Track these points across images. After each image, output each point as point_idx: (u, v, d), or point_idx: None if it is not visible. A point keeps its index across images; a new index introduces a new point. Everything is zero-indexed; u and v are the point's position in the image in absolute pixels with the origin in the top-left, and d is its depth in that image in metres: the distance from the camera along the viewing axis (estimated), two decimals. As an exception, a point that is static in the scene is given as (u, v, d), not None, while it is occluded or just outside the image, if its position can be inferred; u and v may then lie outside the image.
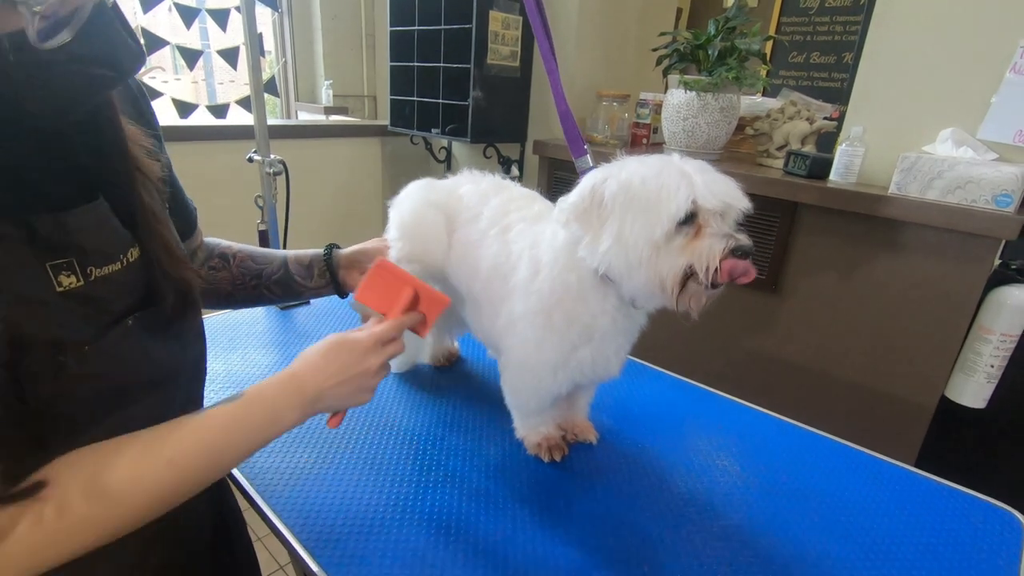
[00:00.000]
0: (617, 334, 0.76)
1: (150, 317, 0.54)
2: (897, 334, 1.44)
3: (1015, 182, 1.23)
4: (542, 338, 0.76)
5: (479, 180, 0.91)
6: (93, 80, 0.45)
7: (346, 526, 0.70)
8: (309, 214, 2.36)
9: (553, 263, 0.74)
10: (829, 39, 3.02)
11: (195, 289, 0.60)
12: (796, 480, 0.84)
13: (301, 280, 0.86)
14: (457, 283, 0.90)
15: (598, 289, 0.72)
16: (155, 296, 0.55)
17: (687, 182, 0.63)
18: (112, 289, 0.51)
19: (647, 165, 0.66)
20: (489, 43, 2.07)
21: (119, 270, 0.51)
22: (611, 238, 0.65)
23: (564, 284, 0.73)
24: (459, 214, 0.88)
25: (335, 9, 2.81)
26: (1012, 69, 1.28)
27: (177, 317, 0.57)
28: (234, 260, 0.83)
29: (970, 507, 0.81)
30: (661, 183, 0.64)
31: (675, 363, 1.20)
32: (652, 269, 0.64)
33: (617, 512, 0.76)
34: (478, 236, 0.84)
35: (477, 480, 0.80)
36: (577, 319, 0.74)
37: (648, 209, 0.63)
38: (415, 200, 0.90)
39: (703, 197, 0.63)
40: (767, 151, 1.74)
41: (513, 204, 0.84)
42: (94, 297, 0.49)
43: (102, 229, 0.50)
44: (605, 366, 0.77)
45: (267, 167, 1.41)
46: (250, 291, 0.84)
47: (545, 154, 2.07)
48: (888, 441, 1.48)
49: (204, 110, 2.59)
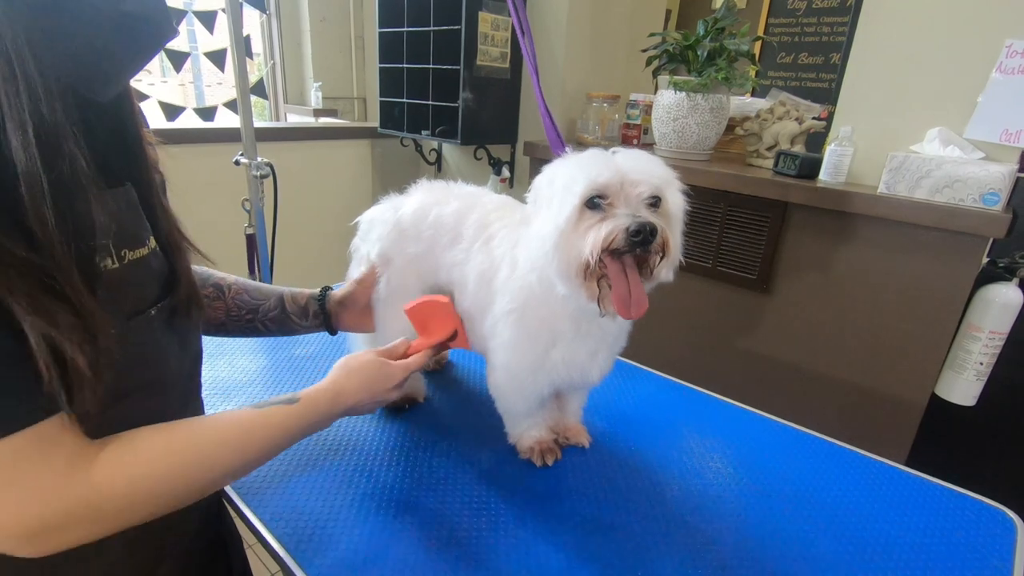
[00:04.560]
0: (585, 337, 0.74)
1: (167, 310, 0.56)
2: (887, 333, 1.45)
3: (1002, 181, 1.24)
4: (518, 338, 0.75)
5: (446, 197, 0.87)
6: (139, 37, 0.47)
7: (335, 533, 0.69)
8: (298, 217, 2.34)
9: (526, 263, 0.74)
10: (817, 40, 3.04)
11: (197, 285, 0.62)
12: (788, 481, 0.84)
13: (297, 320, 0.87)
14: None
15: (554, 290, 0.70)
16: (170, 287, 0.56)
17: (600, 167, 0.62)
18: (142, 274, 0.52)
19: (575, 159, 0.66)
20: (479, 44, 2.06)
21: (147, 255, 0.53)
22: (532, 230, 0.66)
23: (528, 284, 0.73)
24: (438, 240, 0.85)
25: (323, 11, 2.80)
26: (998, 68, 1.29)
27: (184, 311, 0.58)
28: (229, 292, 0.83)
29: (962, 505, 0.81)
30: (572, 173, 0.63)
31: (666, 365, 1.20)
32: (561, 256, 0.63)
33: (610, 515, 0.75)
34: (462, 255, 0.82)
35: (469, 485, 0.79)
36: (544, 320, 0.73)
37: (560, 199, 0.63)
38: (383, 254, 0.88)
39: (598, 174, 0.61)
40: (757, 151, 1.74)
41: (493, 215, 0.82)
42: (127, 280, 0.50)
43: (134, 212, 0.52)
44: (580, 371, 0.75)
45: (254, 170, 1.39)
46: (244, 324, 0.84)
47: (536, 155, 2.07)
48: (879, 439, 1.49)
49: (191, 113, 2.56)
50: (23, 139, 0.39)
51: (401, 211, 0.88)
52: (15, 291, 0.38)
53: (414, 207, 0.88)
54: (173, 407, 0.59)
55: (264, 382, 1.00)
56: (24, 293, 0.39)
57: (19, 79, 0.39)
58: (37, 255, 0.40)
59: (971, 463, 1.54)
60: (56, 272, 0.41)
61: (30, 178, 0.39)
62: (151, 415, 0.52)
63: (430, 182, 0.92)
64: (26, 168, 0.39)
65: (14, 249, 0.39)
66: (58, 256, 0.41)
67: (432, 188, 0.91)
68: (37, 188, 0.39)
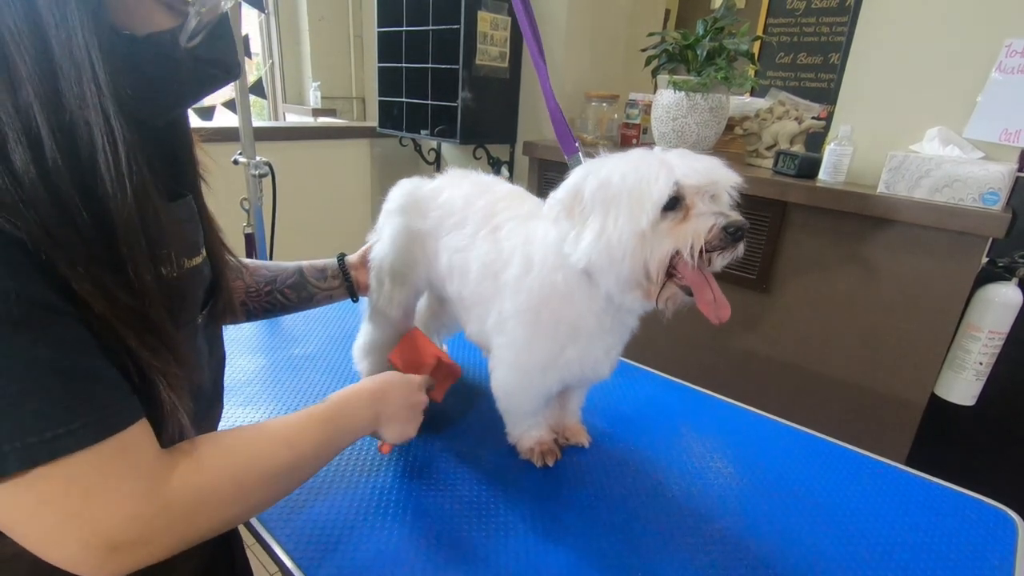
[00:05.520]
0: (605, 334, 0.75)
1: (205, 318, 0.57)
2: (887, 332, 1.45)
3: (1001, 180, 1.24)
4: (531, 337, 0.75)
5: (461, 182, 0.88)
6: (209, 80, 0.49)
7: (334, 533, 0.68)
8: (297, 217, 2.34)
9: (543, 261, 0.73)
10: (816, 40, 3.04)
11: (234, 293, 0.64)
12: (789, 481, 0.84)
13: (315, 283, 0.88)
14: (447, 289, 0.88)
15: (583, 288, 0.71)
16: (211, 294, 0.58)
17: (667, 167, 0.63)
18: (196, 282, 0.54)
19: (626, 159, 0.66)
20: (478, 44, 2.06)
21: (200, 263, 0.55)
22: (592, 234, 0.65)
23: (551, 283, 0.72)
24: (444, 220, 0.86)
25: (322, 10, 2.79)
26: (997, 68, 1.29)
27: (220, 318, 0.60)
28: (247, 269, 0.85)
29: (963, 505, 0.81)
30: (640, 174, 0.63)
31: (666, 364, 1.20)
32: (638, 259, 0.63)
33: (609, 515, 0.75)
34: (466, 241, 0.82)
35: (469, 485, 0.79)
36: (564, 319, 0.73)
37: (631, 201, 0.62)
38: (399, 230, 0.88)
39: (684, 175, 0.62)
40: (756, 151, 1.74)
41: (501, 204, 0.83)
42: (182, 288, 0.51)
43: (193, 222, 0.55)
44: (594, 366, 0.76)
45: (252, 169, 1.39)
46: (264, 298, 0.85)
47: (535, 155, 2.06)
48: (879, 439, 1.49)
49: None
50: (121, 190, 0.39)
51: (424, 187, 0.90)
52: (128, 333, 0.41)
53: (432, 186, 0.90)
54: (201, 413, 0.59)
55: (262, 382, 1.00)
56: (134, 334, 0.41)
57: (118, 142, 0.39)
58: (138, 301, 0.42)
59: (971, 462, 1.54)
60: (152, 314, 0.42)
61: (130, 234, 0.40)
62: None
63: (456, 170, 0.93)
64: (126, 223, 0.40)
65: (123, 298, 0.40)
66: (154, 303, 0.43)
67: (456, 174, 0.91)
68: (137, 243, 0.41)
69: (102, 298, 0.39)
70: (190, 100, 0.51)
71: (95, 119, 0.38)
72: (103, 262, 0.40)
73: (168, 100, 0.48)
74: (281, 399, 0.95)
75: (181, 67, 0.45)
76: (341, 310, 1.31)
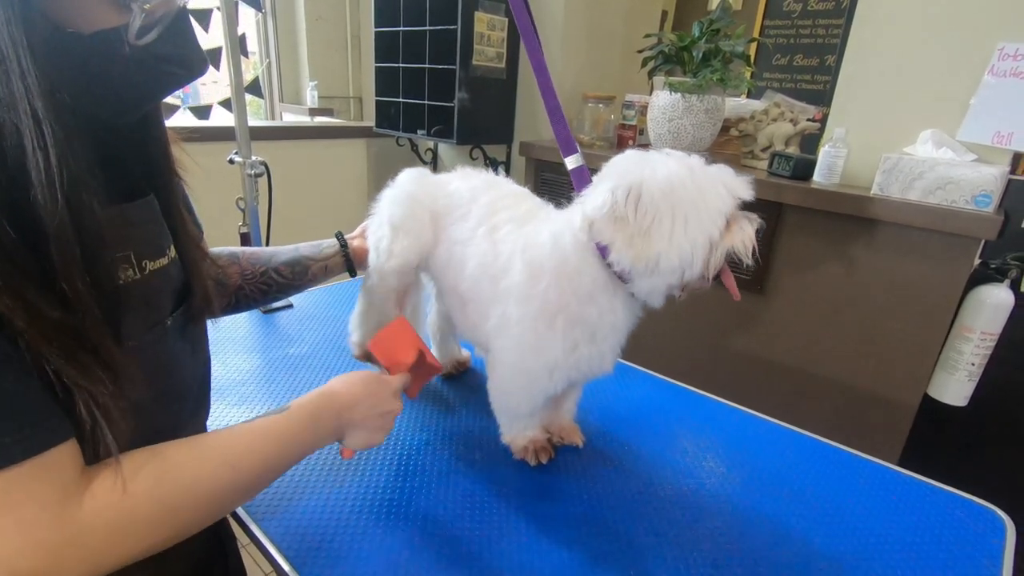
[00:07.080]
0: (617, 331, 0.77)
1: (180, 319, 0.55)
2: (880, 333, 1.46)
3: (994, 182, 1.25)
4: (542, 340, 0.75)
5: (471, 176, 0.90)
6: (168, 78, 0.47)
7: (328, 532, 0.69)
8: (293, 217, 2.33)
9: (560, 268, 0.73)
10: (812, 42, 3.05)
11: (212, 290, 0.61)
12: (781, 481, 0.84)
13: (310, 254, 0.88)
14: (442, 279, 0.89)
15: (608, 289, 0.73)
16: (185, 295, 0.56)
17: (719, 179, 0.69)
18: (161, 284, 0.51)
19: (670, 167, 0.68)
20: (475, 44, 2.06)
21: (167, 265, 0.52)
22: (664, 240, 0.66)
23: (573, 288, 0.73)
24: (449, 211, 0.87)
25: (319, 10, 2.79)
26: (990, 71, 1.30)
27: (197, 318, 0.58)
28: (243, 255, 0.85)
29: (953, 505, 0.81)
30: (700, 183, 0.68)
31: (661, 364, 1.20)
32: (706, 261, 0.68)
33: (603, 514, 0.75)
34: (467, 235, 0.83)
35: (462, 484, 0.79)
36: (582, 319, 0.74)
37: (697, 209, 0.67)
38: (404, 195, 0.89)
39: (740, 191, 0.69)
40: (752, 152, 1.75)
41: (502, 202, 0.84)
42: (147, 291, 0.49)
43: (156, 223, 0.52)
44: (600, 362, 0.78)
45: (248, 168, 1.39)
46: (258, 279, 0.84)
47: (532, 156, 2.07)
48: (872, 439, 1.49)
49: (187, 111, 2.56)
50: (51, 197, 0.36)
51: (433, 176, 0.93)
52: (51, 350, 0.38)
53: (443, 176, 0.92)
54: (186, 415, 0.58)
55: (257, 381, 1.00)
56: (59, 350, 0.38)
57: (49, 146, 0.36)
58: (71, 316, 0.39)
59: (962, 463, 1.55)
60: (89, 331, 0.40)
61: (62, 243, 0.37)
62: (166, 424, 0.52)
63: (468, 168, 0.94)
64: (57, 232, 0.37)
65: (49, 313, 0.37)
66: (89, 315, 0.40)
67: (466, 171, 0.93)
68: (69, 252, 0.38)
69: (24, 313, 0.36)
70: (151, 99, 0.49)
71: (24, 121, 0.35)
72: (28, 275, 0.37)
73: (126, 99, 0.46)
74: (275, 399, 0.95)
75: (134, 65, 0.43)
76: (336, 309, 1.31)
